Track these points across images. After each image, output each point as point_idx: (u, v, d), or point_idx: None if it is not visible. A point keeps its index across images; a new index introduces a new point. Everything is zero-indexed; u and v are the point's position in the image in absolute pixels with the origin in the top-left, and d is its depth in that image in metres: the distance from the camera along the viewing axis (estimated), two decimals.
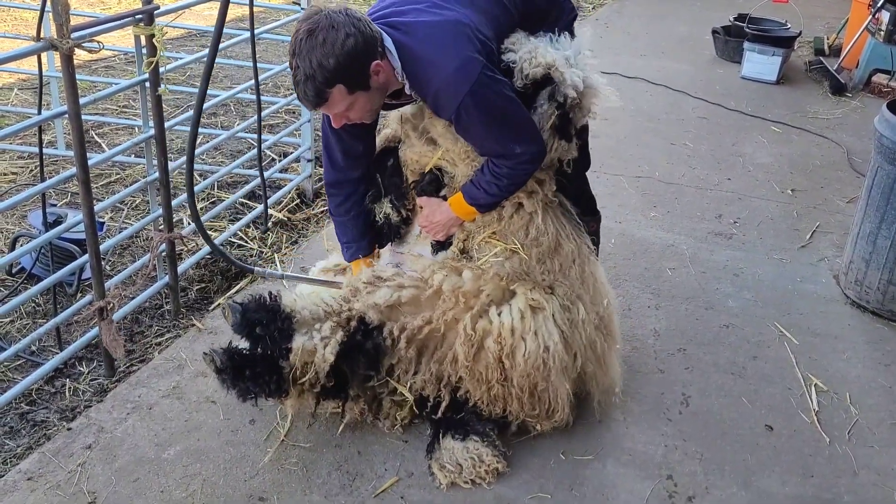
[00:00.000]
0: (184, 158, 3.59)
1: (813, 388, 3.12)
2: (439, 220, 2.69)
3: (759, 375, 3.18)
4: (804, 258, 4.09)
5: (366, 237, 2.85)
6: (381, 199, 2.85)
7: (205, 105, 3.72)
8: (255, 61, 3.32)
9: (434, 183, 2.72)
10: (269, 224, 4.04)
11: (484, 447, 2.60)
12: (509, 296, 2.58)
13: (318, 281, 2.93)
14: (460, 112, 2.37)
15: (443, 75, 2.32)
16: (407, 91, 2.45)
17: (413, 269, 2.71)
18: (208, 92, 5.01)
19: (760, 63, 6.83)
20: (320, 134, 2.85)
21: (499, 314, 2.53)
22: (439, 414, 2.62)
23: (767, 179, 5.01)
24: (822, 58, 7.28)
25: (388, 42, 2.34)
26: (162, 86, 2.94)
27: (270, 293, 2.53)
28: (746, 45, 6.89)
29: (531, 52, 2.49)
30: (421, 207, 2.75)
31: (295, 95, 4.35)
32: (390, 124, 2.85)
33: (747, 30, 6.97)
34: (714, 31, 7.57)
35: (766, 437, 2.87)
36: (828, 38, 7.70)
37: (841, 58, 7.07)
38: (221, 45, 3.80)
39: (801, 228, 4.40)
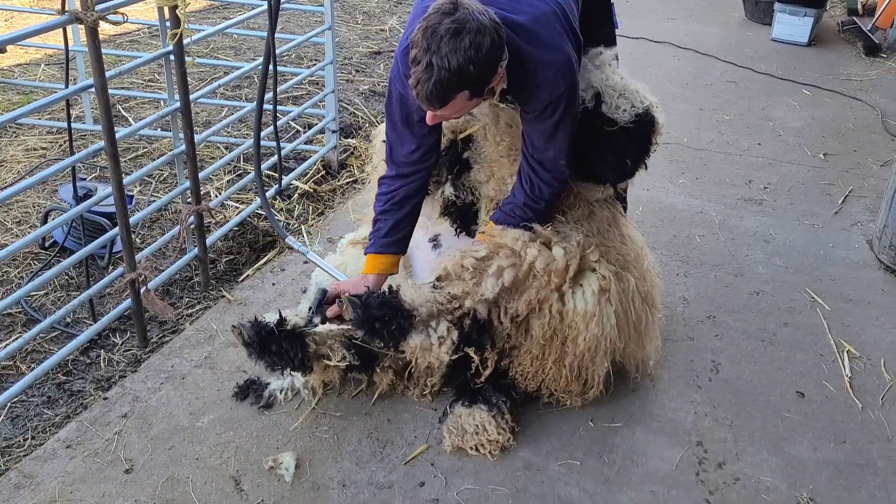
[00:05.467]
0: (210, 131, 3.61)
1: (845, 354, 3.08)
2: None
3: (790, 342, 3.15)
4: (836, 223, 4.03)
5: (390, 237, 2.62)
6: (442, 182, 2.82)
7: (227, 77, 3.73)
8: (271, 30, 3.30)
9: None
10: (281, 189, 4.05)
11: (489, 417, 2.59)
12: (585, 267, 2.56)
13: (328, 270, 2.82)
14: (549, 105, 2.35)
15: (548, 73, 2.30)
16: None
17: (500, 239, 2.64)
18: (231, 64, 5.02)
19: (791, 24, 6.67)
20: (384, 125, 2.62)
21: (573, 296, 2.52)
22: (482, 379, 2.63)
23: (799, 144, 4.91)
24: (855, 18, 7.09)
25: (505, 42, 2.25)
26: (189, 57, 2.94)
27: (391, 288, 2.51)
28: (777, 5, 6.73)
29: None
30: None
31: (318, 66, 4.35)
32: None
33: None
34: None
35: (798, 403, 2.85)
36: None
37: (875, 17, 6.88)
38: (243, 17, 3.80)
39: (834, 193, 4.32)
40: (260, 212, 3.93)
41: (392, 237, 2.62)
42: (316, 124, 4.50)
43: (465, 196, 2.78)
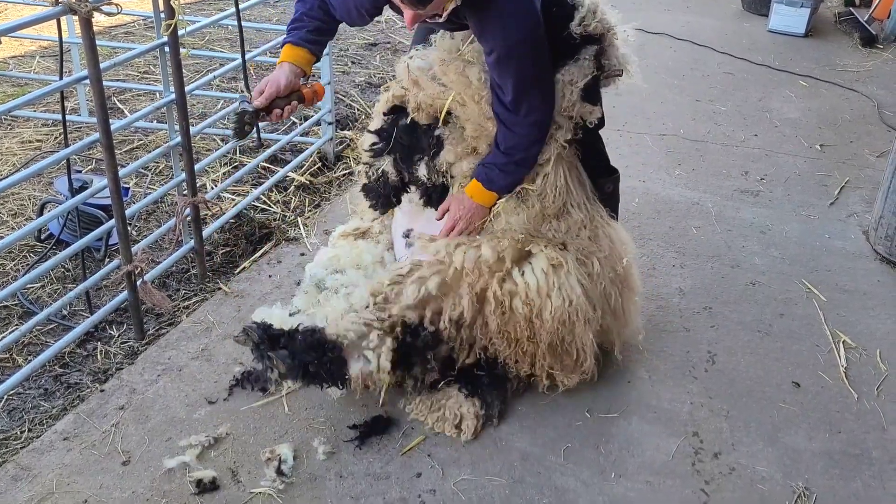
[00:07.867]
0: (205, 122, 3.59)
1: (841, 345, 3.09)
2: (462, 214, 2.65)
3: (786, 333, 3.16)
4: (833, 214, 4.03)
5: (312, 36, 2.62)
6: (384, 154, 2.82)
7: (223, 69, 3.72)
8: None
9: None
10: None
11: (473, 415, 2.61)
12: (526, 255, 2.58)
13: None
14: (514, 47, 2.35)
15: (511, 5, 2.31)
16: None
17: (427, 252, 2.67)
18: (226, 56, 5.00)
19: (788, 15, 6.66)
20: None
21: (522, 274, 2.53)
22: (460, 364, 2.64)
23: (795, 135, 4.91)
24: (852, 8, 7.09)
25: None
26: (184, 49, 2.93)
27: (314, 327, 2.49)
28: None
29: (596, 5, 2.52)
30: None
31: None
32: (398, 79, 2.80)
33: None
34: None
35: (793, 393, 2.86)
36: None
37: (872, 8, 6.88)
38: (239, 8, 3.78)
39: (830, 184, 4.33)
40: (256, 204, 3.92)
41: (314, 37, 2.62)
42: (311, 116, 4.49)
43: (436, 179, 2.75)
